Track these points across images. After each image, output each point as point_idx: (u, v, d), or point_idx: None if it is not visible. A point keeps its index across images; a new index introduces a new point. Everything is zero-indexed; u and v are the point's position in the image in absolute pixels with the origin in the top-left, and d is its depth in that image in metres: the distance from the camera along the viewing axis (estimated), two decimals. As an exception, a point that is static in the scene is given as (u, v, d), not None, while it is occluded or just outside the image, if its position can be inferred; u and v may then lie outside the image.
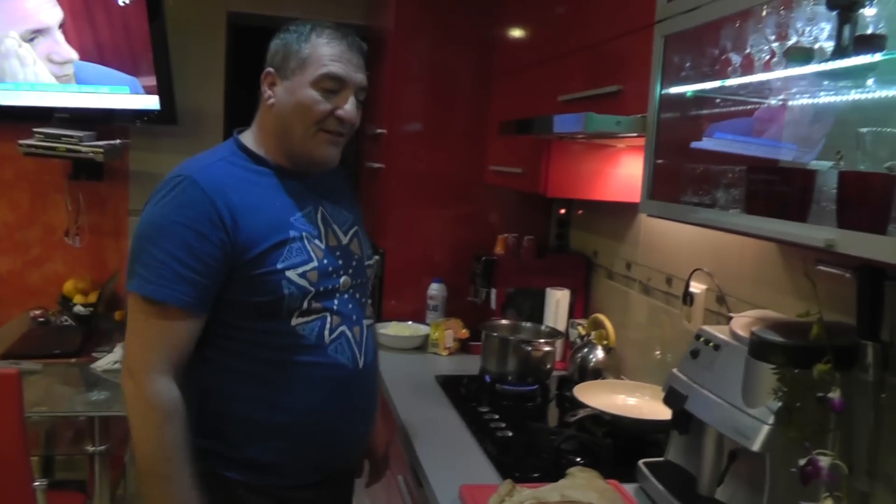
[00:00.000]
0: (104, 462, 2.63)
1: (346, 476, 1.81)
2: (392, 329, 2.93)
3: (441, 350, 2.81)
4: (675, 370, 1.66)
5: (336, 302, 1.61)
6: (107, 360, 2.85)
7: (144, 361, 1.45)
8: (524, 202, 3.14)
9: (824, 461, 1.19)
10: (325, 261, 1.60)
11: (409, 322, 3.01)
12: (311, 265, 1.56)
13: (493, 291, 2.83)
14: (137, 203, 3.79)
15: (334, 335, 1.60)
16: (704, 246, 2.10)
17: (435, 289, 3.00)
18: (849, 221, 1.16)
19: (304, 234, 1.58)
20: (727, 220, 1.42)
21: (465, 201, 3.13)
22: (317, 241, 1.60)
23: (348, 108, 1.59)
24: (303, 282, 1.54)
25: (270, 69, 1.59)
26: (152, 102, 3.44)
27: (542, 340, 2.44)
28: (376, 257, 2.05)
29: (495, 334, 2.47)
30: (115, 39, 3.35)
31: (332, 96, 1.57)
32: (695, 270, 2.04)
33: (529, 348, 2.39)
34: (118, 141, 3.50)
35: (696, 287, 2.06)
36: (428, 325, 2.92)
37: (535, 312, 2.79)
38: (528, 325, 2.65)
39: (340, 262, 1.64)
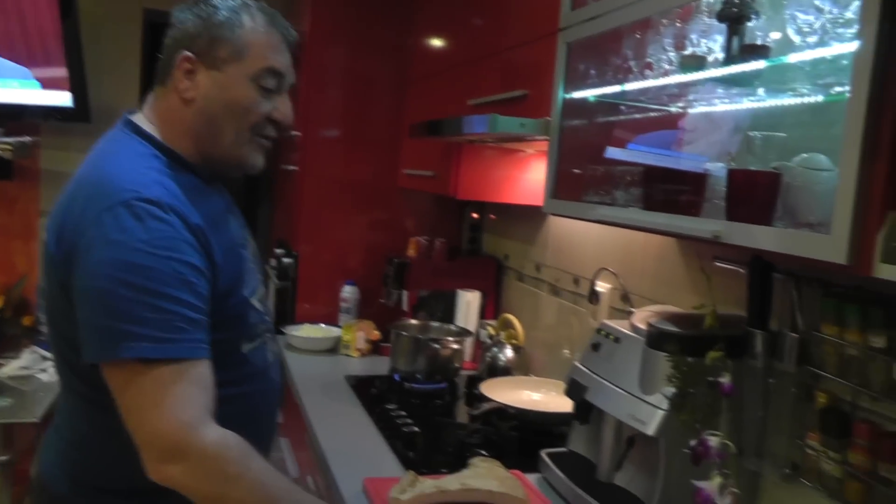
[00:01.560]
0: (6, 473, 2.52)
1: None
2: (304, 331, 2.89)
3: (353, 352, 2.78)
4: (576, 363, 1.68)
5: (267, 318, 1.42)
6: (12, 367, 2.75)
7: (184, 427, 1.10)
8: (437, 206, 3.15)
9: (714, 441, 1.22)
10: (260, 277, 1.42)
11: (322, 324, 2.97)
12: (261, 289, 1.40)
13: (405, 293, 2.83)
14: (49, 204, 3.61)
15: (271, 359, 1.43)
16: (609, 247, 2.14)
17: (347, 291, 2.97)
18: (736, 215, 1.20)
19: (244, 251, 1.38)
20: (625, 215, 1.45)
21: (379, 205, 3.12)
22: (251, 258, 1.40)
23: (287, 111, 1.36)
24: (260, 307, 1.37)
25: (189, 54, 1.28)
26: (65, 99, 3.32)
27: (450, 339, 2.44)
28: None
29: (404, 333, 2.46)
30: (25, 33, 3.22)
31: (271, 95, 1.33)
32: (600, 270, 2.07)
33: (438, 346, 2.39)
34: (28, 138, 3.34)
35: (602, 286, 2.10)
36: (340, 327, 2.89)
37: (447, 314, 2.79)
38: (438, 324, 2.65)
39: (259, 274, 1.44)
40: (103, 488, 1.27)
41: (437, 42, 2.77)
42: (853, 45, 0.94)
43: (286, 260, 3.17)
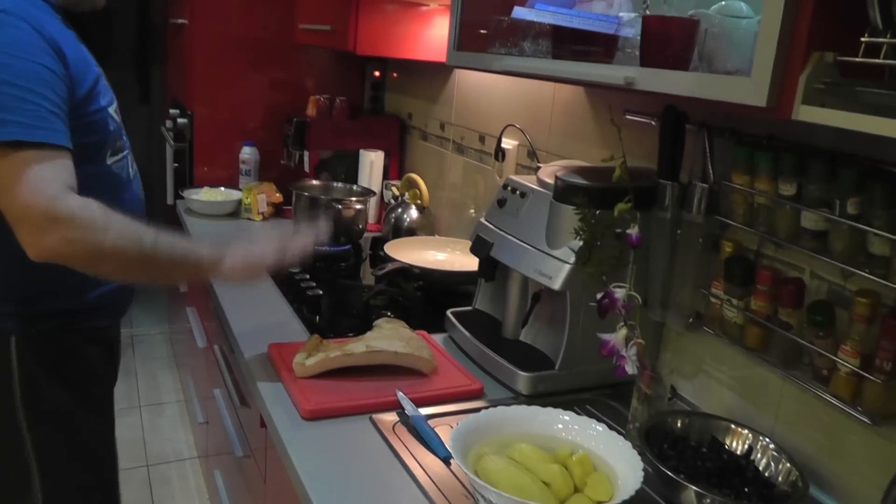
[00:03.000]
0: None
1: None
2: (203, 195, 2.72)
3: (255, 215, 2.65)
4: (481, 219, 1.61)
5: (126, 140, 1.52)
6: None
7: (49, 198, 1.16)
8: (337, 64, 2.98)
9: (620, 293, 1.18)
10: (113, 94, 1.48)
11: (221, 188, 2.81)
12: (115, 102, 1.47)
13: (307, 154, 2.69)
14: None
15: (133, 172, 1.53)
16: (516, 103, 2.05)
17: (247, 153, 2.80)
18: (651, 62, 1.12)
19: (99, 69, 1.43)
20: (534, 65, 1.35)
21: (277, 62, 2.91)
22: (104, 79, 1.45)
23: None
24: (117, 118, 1.46)
25: None
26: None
27: (353, 199, 2.34)
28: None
29: (306, 194, 2.34)
30: None
31: None
32: (507, 127, 1.98)
33: (340, 207, 2.29)
34: None
35: (508, 143, 2.02)
36: (240, 190, 2.74)
37: (350, 175, 2.68)
38: (340, 185, 2.53)
39: (112, 92, 1.49)
40: (9, 297, 1.37)
41: None
42: None
43: (181, 121, 2.96)
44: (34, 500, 1.46)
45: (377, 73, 2.97)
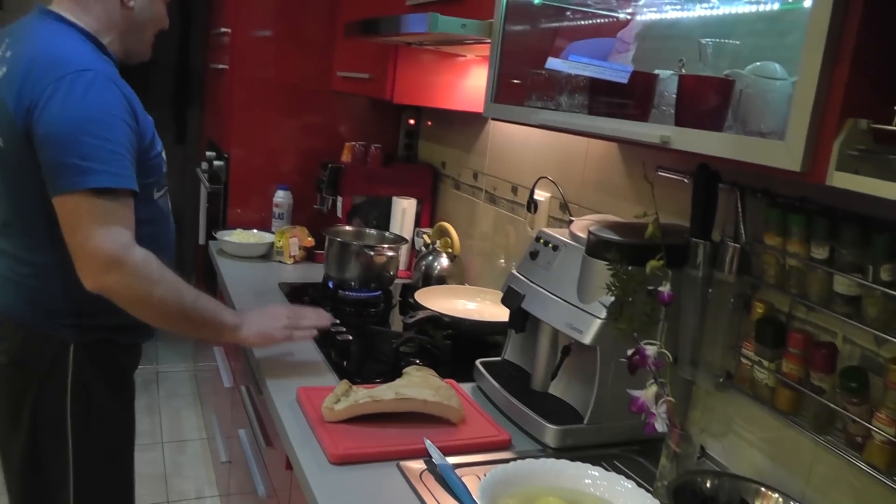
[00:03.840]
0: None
1: None
2: (236, 236, 2.78)
3: (286, 258, 2.70)
4: (513, 270, 1.63)
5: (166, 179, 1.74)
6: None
7: (121, 246, 1.42)
8: (373, 111, 3.04)
9: (651, 350, 1.20)
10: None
11: (254, 230, 2.87)
12: (161, 143, 1.68)
13: (340, 199, 2.74)
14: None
15: (169, 205, 1.75)
16: (550, 155, 2.08)
17: (281, 196, 2.86)
18: (686, 121, 1.15)
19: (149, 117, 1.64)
20: (570, 120, 1.38)
21: (314, 107, 2.98)
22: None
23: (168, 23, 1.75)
24: (165, 158, 1.69)
25: None
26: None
27: (385, 246, 2.38)
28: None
29: (338, 240, 2.38)
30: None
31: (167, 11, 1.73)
32: (539, 178, 2.02)
33: (372, 253, 2.32)
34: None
35: (541, 195, 2.05)
36: (273, 233, 2.79)
37: (382, 221, 2.72)
38: (373, 231, 2.58)
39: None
40: (57, 309, 1.57)
41: (375, -64, 2.61)
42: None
43: (217, 163, 3.04)
44: (68, 481, 1.64)
45: (412, 122, 3.03)
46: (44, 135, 1.41)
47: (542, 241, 1.59)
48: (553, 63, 1.62)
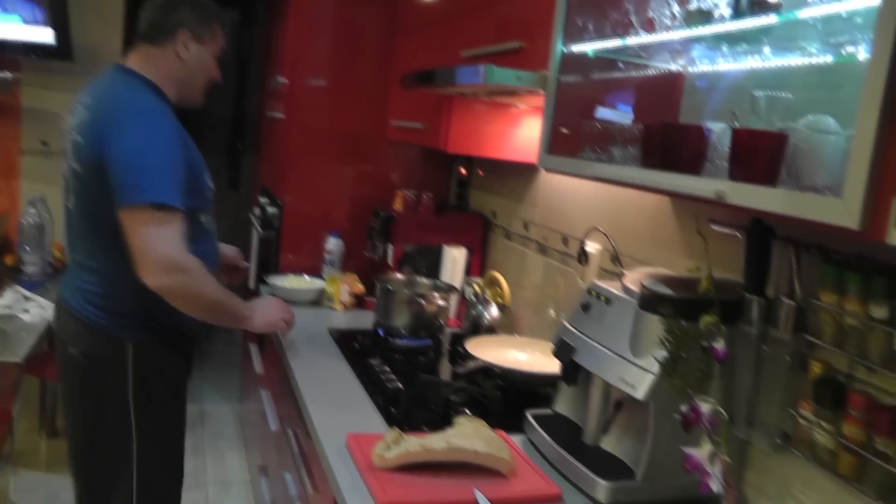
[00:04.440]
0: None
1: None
2: (288, 282, 2.84)
3: (336, 304, 2.74)
4: (565, 322, 1.64)
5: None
6: (-5, 306, 2.67)
7: (177, 252, 1.74)
8: (425, 160, 3.10)
9: (705, 407, 1.19)
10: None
11: (305, 276, 2.92)
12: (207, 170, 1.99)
13: (391, 247, 2.78)
14: (30, 142, 3.56)
15: (215, 228, 2.03)
16: (601, 206, 2.10)
17: (332, 243, 2.92)
18: (739, 175, 1.15)
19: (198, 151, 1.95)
20: (624, 173, 1.40)
21: (366, 156, 3.06)
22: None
23: (219, 74, 2.07)
24: (211, 185, 1.98)
25: (188, 31, 1.94)
26: (46, 36, 3.21)
27: (435, 294, 2.40)
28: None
29: (389, 287, 2.42)
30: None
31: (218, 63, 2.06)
32: (591, 230, 2.03)
33: (423, 302, 2.35)
34: (8, 74, 3.24)
35: (592, 247, 2.06)
36: (324, 279, 2.84)
37: (432, 269, 2.75)
38: (424, 280, 2.61)
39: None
40: (117, 312, 1.87)
41: (430, -10, 2.68)
42: (872, 1, 0.88)
43: (271, 209, 3.11)
44: (130, 466, 1.93)
45: (464, 171, 3.08)
46: (115, 160, 1.72)
47: (593, 293, 1.60)
48: (604, 113, 1.65)
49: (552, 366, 1.68)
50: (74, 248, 1.94)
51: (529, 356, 2.14)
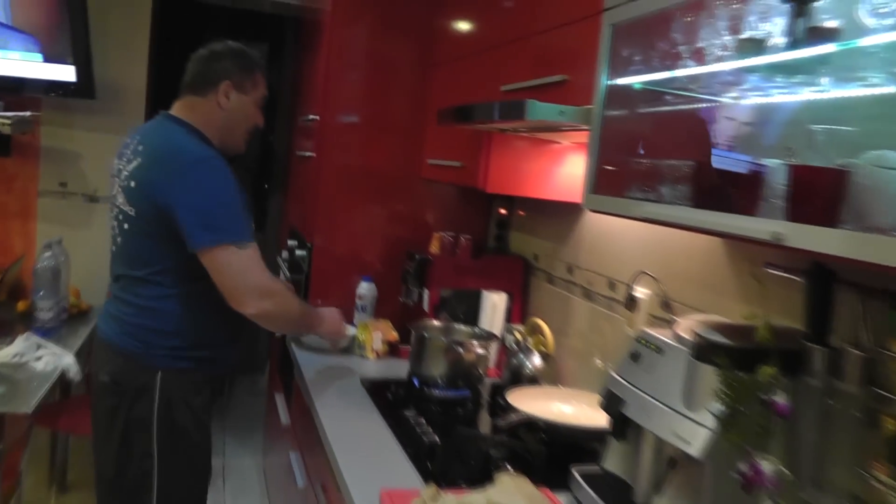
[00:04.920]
0: (-2, 463, 2.51)
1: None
2: (317, 329, 2.86)
3: (368, 353, 2.75)
4: (613, 373, 1.63)
5: None
6: (5, 353, 2.70)
7: (267, 279, 2.06)
8: (462, 200, 3.12)
9: (767, 466, 1.18)
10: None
11: (336, 322, 2.94)
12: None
13: (427, 292, 2.79)
14: (49, 183, 3.64)
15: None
16: (650, 249, 2.09)
17: (364, 288, 2.94)
18: (798, 215, 1.15)
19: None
20: (674, 213, 1.40)
21: (401, 196, 3.09)
22: None
23: (262, 120, 2.31)
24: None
25: (229, 82, 2.18)
26: (68, 74, 3.30)
27: (474, 342, 2.41)
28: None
29: (425, 334, 2.43)
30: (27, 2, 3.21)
31: (261, 110, 2.29)
32: (639, 274, 2.03)
33: (461, 350, 2.36)
34: (28, 113, 3.32)
35: (640, 292, 2.05)
36: (355, 325, 2.86)
37: (470, 316, 2.76)
38: (462, 326, 2.62)
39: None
40: (149, 342, 2.08)
41: (466, 22, 2.73)
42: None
43: (299, 252, 3.15)
44: (151, 493, 2.09)
45: (503, 211, 3.09)
46: (184, 206, 1.97)
47: (643, 341, 1.59)
48: (651, 149, 1.65)
49: (599, 419, 1.67)
50: (116, 283, 2.18)
51: (575, 409, 2.14)
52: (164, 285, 2.07)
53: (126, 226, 2.09)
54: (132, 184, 2.06)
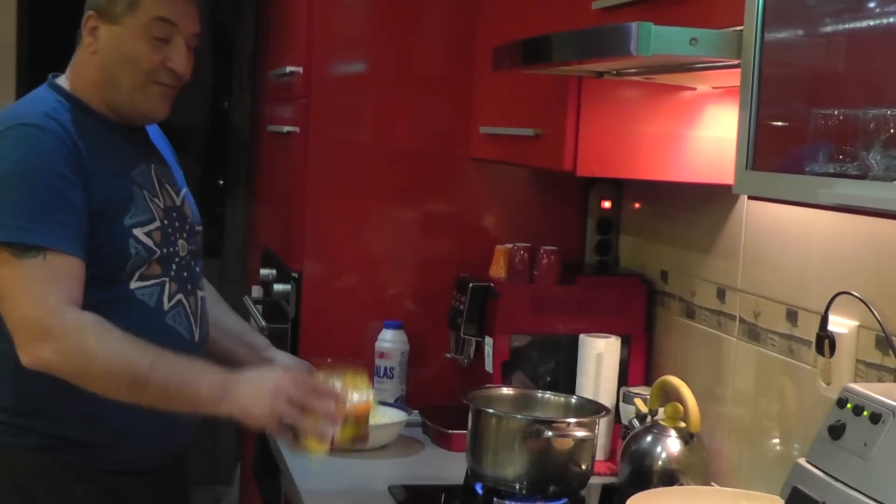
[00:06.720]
0: None
1: (177, 469, 2.45)
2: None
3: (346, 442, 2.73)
4: (801, 460, 1.63)
5: (174, 267, 2.29)
6: None
7: (46, 310, 1.97)
8: (540, 191, 3.12)
9: None
10: (166, 221, 2.28)
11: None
12: (155, 224, 2.24)
13: (489, 342, 2.80)
14: None
15: (172, 303, 2.26)
16: (852, 254, 2.08)
17: (389, 339, 2.95)
18: None
19: (144, 190, 2.25)
20: (891, 195, 1.40)
21: (440, 188, 3.11)
22: (156, 200, 2.28)
23: (180, 60, 2.26)
24: (149, 241, 2.20)
25: (92, 12, 2.21)
26: None
27: (572, 421, 2.41)
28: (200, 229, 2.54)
29: (491, 412, 2.43)
30: None
31: (164, 45, 2.24)
32: (837, 296, 2.02)
33: (550, 434, 2.35)
34: None
35: (841, 325, 2.04)
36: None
37: (561, 378, 2.77)
38: (549, 396, 2.62)
39: (177, 223, 2.34)
40: (12, 409, 2.13)
41: None
42: None
43: (279, 287, 3.16)
44: None
45: (607, 204, 3.10)
46: None
47: (849, 405, 1.59)
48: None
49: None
50: None
51: (740, 521, 2.13)
52: None
53: None
54: None
